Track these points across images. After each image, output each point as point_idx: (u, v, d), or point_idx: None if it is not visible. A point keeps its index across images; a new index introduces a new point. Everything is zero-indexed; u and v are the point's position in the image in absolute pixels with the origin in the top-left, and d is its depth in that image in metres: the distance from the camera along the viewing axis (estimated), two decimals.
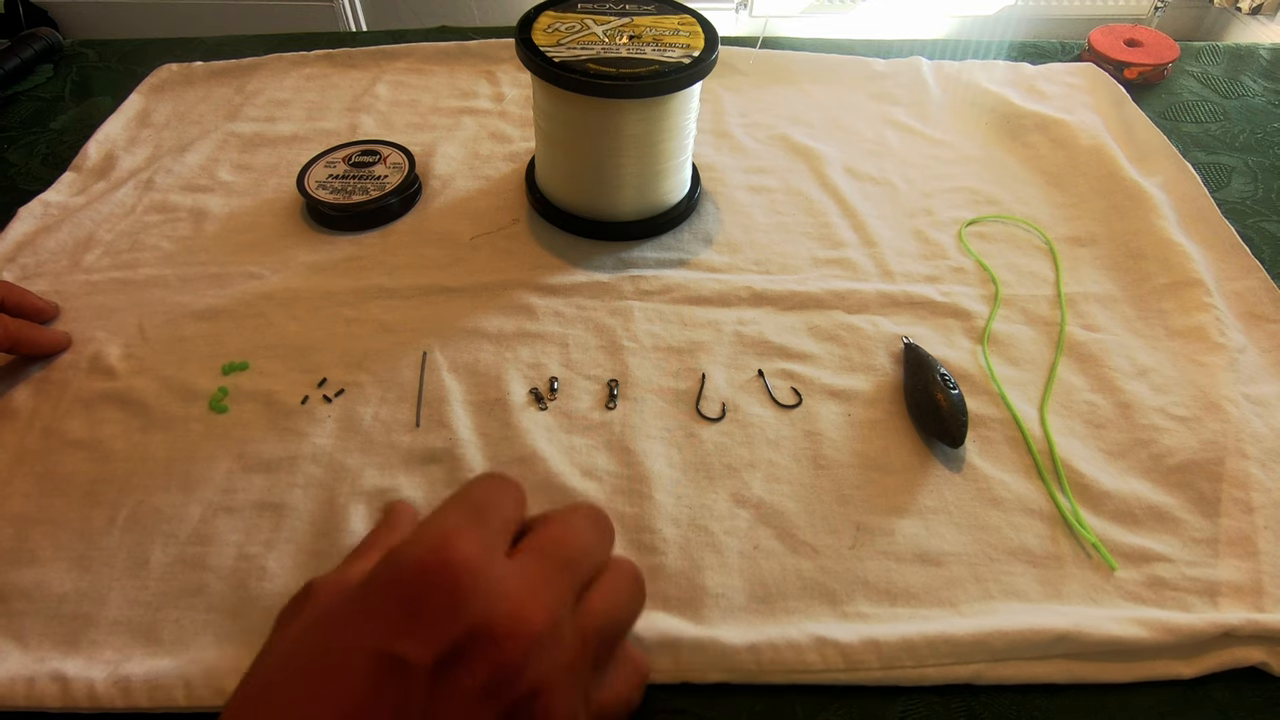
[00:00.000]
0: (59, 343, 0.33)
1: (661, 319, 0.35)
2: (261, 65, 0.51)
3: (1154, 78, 0.52)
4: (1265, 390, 0.33)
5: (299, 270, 0.37)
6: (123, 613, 0.25)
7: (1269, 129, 0.48)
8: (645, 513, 0.28)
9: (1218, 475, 0.29)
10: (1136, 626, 0.25)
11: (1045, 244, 0.40)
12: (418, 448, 0.30)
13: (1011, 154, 0.46)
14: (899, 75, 0.51)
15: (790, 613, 0.26)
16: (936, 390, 0.31)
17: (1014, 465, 0.30)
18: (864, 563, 0.27)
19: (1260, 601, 0.26)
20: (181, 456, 0.29)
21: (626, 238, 0.39)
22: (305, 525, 0.28)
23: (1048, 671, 0.25)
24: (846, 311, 0.36)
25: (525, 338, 0.34)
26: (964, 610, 0.26)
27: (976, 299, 0.37)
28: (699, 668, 0.24)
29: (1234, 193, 0.44)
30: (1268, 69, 0.54)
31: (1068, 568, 0.27)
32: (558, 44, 0.34)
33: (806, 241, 0.40)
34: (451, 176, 0.43)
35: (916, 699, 0.24)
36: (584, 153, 0.36)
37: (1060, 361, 0.34)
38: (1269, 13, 1.45)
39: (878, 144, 0.46)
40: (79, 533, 0.27)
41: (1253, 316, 0.36)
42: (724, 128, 0.47)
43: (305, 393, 0.32)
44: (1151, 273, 0.38)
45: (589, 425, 0.31)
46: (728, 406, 0.32)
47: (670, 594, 0.26)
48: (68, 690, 0.23)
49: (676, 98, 0.34)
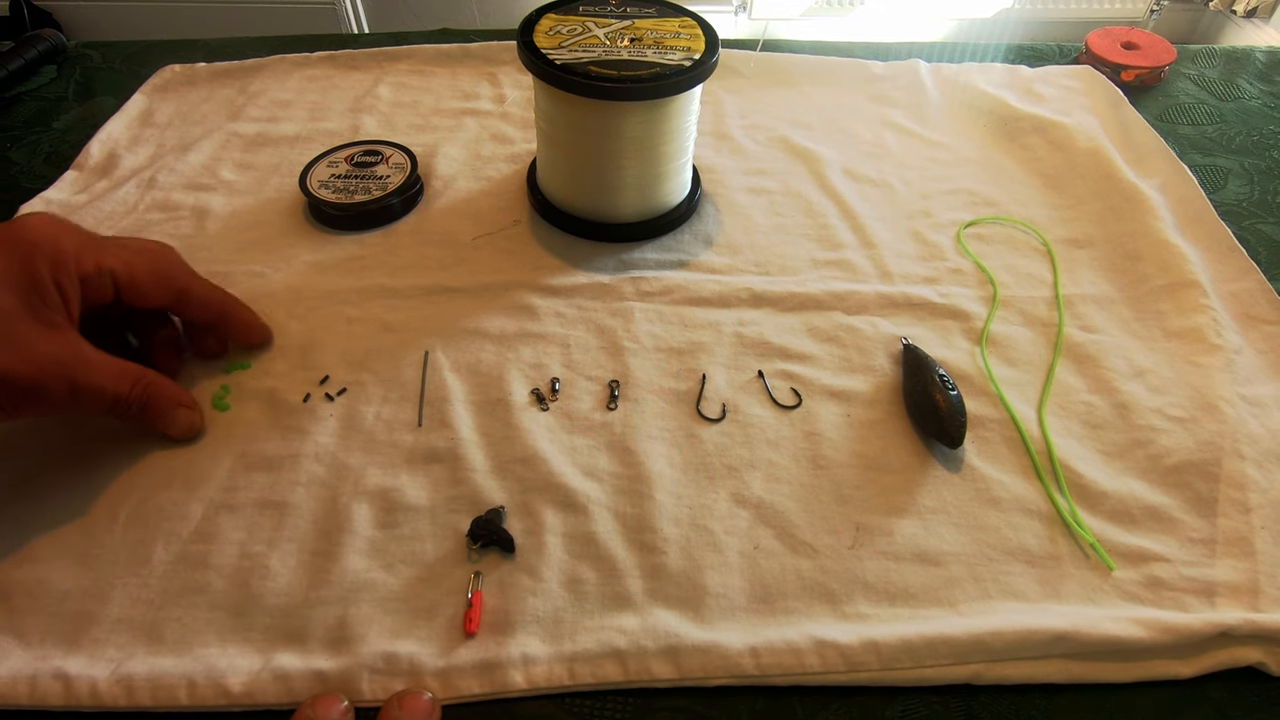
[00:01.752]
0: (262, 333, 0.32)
1: (662, 320, 0.36)
2: (264, 66, 0.51)
3: (1151, 80, 0.52)
4: (1262, 391, 0.33)
5: (301, 269, 0.37)
6: (125, 611, 0.25)
7: (1265, 131, 0.49)
8: (646, 513, 0.28)
9: (1214, 476, 0.30)
10: (1134, 626, 0.25)
11: (1043, 245, 0.40)
12: (420, 447, 0.30)
13: (1009, 156, 0.46)
14: (897, 78, 0.52)
15: (790, 612, 0.26)
16: (935, 391, 0.31)
17: (1012, 466, 0.30)
18: (863, 563, 0.27)
19: (1257, 601, 0.26)
20: (183, 454, 0.30)
21: (627, 239, 0.39)
22: (307, 524, 0.28)
23: (1046, 671, 0.25)
24: (846, 313, 0.36)
25: (527, 338, 0.34)
26: (963, 610, 0.26)
27: (975, 300, 0.37)
28: (700, 671, 0.24)
29: (1230, 195, 0.44)
30: (1263, 72, 0.54)
31: (1066, 568, 0.27)
32: (559, 46, 0.34)
33: (806, 243, 0.40)
34: (453, 177, 0.43)
35: (916, 699, 0.24)
36: (585, 154, 0.37)
37: (1058, 362, 0.34)
38: (1264, 16, 1.46)
39: (877, 146, 0.46)
40: (81, 530, 0.27)
41: (1249, 318, 0.36)
42: (724, 130, 0.47)
43: (307, 391, 0.32)
44: (1148, 274, 0.38)
45: (590, 425, 0.31)
46: (728, 407, 0.32)
47: (671, 593, 0.26)
48: (70, 689, 0.23)
49: (677, 100, 0.35)
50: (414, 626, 0.25)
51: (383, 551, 0.27)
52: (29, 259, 0.25)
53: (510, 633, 0.25)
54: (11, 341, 0.24)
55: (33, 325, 0.25)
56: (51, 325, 0.25)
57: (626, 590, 0.26)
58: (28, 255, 0.25)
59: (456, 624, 0.25)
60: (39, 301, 0.25)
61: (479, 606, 0.25)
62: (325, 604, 0.26)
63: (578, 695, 0.24)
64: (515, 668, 0.24)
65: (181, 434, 0.29)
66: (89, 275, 0.26)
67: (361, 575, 0.26)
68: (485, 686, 0.24)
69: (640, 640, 0.25)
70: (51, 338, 0.25)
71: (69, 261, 0.26)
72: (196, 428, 0.30)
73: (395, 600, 0.26)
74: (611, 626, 0.25)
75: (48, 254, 0.25)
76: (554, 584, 0.26)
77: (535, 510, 0.28)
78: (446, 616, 0.25)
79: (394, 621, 0.25)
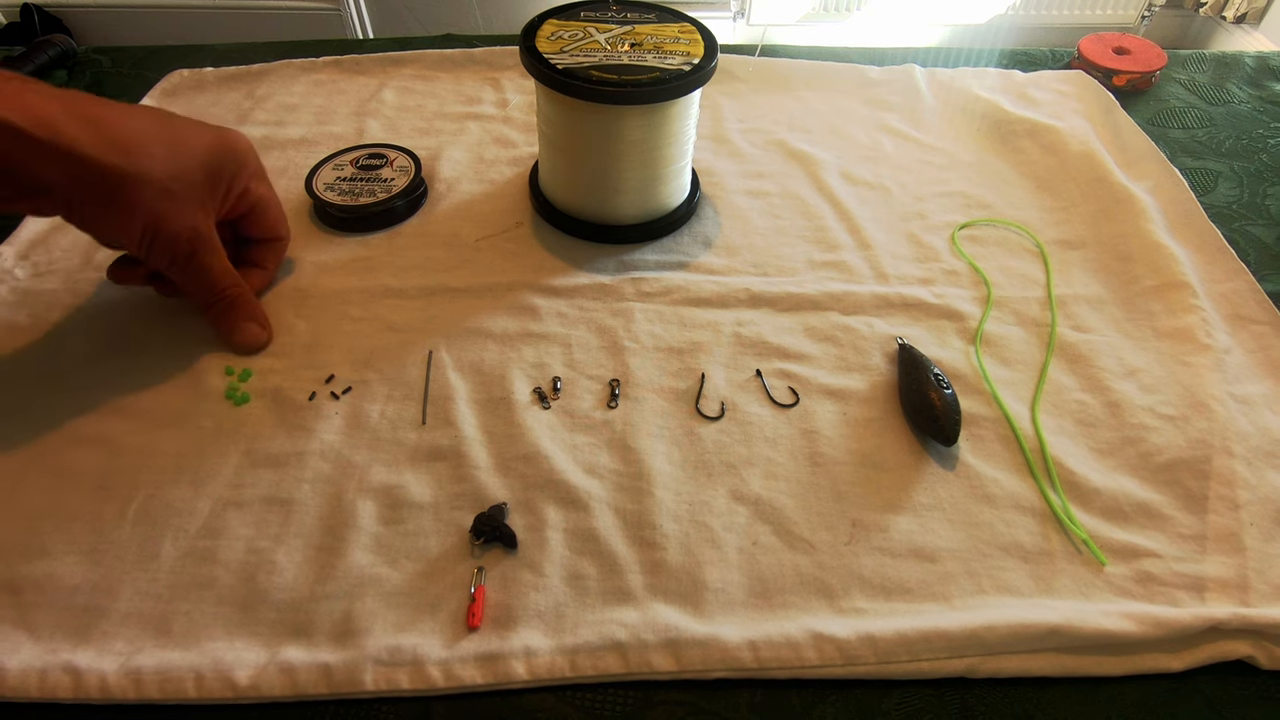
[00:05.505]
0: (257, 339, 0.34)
1: (662, 320, 0.36)
2: (271, 71, 0.51)
3: (1142, 85, 0.53)
4: (1251, 390, 0.34)
5: (307, 270, 0.38)
6: (134, 605, 0.26)
7: (1254, 135, 0.50)
8: (646, 509, 0.29)
9: (1205, 473, 0.30)
10: (1126, 621, 0.25)
11: (1036, 247, 0.41)
12: (424, 445, 0.31)
13: (1003, 159, 0.47)
14: (893, 83, 0.52)
15: (788, 607, 0.26)
16: (930, 390, 0.31)
17: (1006, 463, 0.31)
18: (860, 558, 0.28)
19: (1246, 596, 0.27)
20: (191, 451, 0.30)
21: (628, 241, 0.40)
22: (313, 520, 0.28)
23: (1039, 665, 0.25)
24: (842, 313, 0.37)
25: (529, 338, 0.35)
26: (957, 605, 0.26)
27: (969, 301, 0.38)
28: (700, 665, 0.25)
29: (1220, 197, 0.45)
30: (1253, 76, 0.55)
31: (1059, 563, 0.28)
32: (561, 51, 0.35)
33: (803, 244, 0.40)
34: (457, 180, 0.44)
35: (912, 691, 0.25)
36: (586, 157, 0.37)
37: (1051, 362, 0.35)
38: (1253, 22, 1.47)
39: (873, 149, 0.47)
40: (90, 526, 0.28)
41: (1238, 318, 0.37)
42: (723, 133, 0.48)
43: (313, 390, 0.32)
44: (1140, 275, 0.39)
45: (591, 424, 0.32)
46: (727, 405, 0.33)
47: (671, 588, 0.27)
48: (80, 682, 0.24)
49: (677, 104, 0.35)
50: (418, 621, 0.26)
51: (387, 547, 0.27)
52: (224, 157, 0.32)
53: (512, 626, 0.25)
54: (183, 203, 0.30)
55: (200, 201, 0.31)
56: (206, 209, 0.31)
57: (627, 585, 0.27)
58: (226, 154, 0.32)
59: (459, 618, 0.26)
60: (210, 189, 0.31)
61: (482, 601, 0.26)
62: (330, 598, 0.26)
63: (579, 687, 0.25)
64: (517, 659, 0.25)
65: (245, 344, 0.33)
66: (246, 193, 0.33)
67: (366, 570, 0.27)
68: (487, 677, 0.24)
69: (640, 633, 0.25)
70: (203, 217, 0.31)
71: (244, 176, 0.33)
72: (260, 343, 0.34)
73: (399, 595, 0.26)
74: (612, 620, 0.26)
75: (237, 161, 0.32)
76: (555, 579, 0.27)
77: (537, 507, 0.29)
78: (450, 611, 0.26)
79: (398, 616, 0.26)
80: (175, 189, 0.29)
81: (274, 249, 0.36)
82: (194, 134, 0.31)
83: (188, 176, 0.30)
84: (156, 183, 0.29)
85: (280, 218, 0.36)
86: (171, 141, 0.30)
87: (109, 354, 0.33)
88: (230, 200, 0.33)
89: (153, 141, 0.29)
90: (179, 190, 0.30)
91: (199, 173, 0.30)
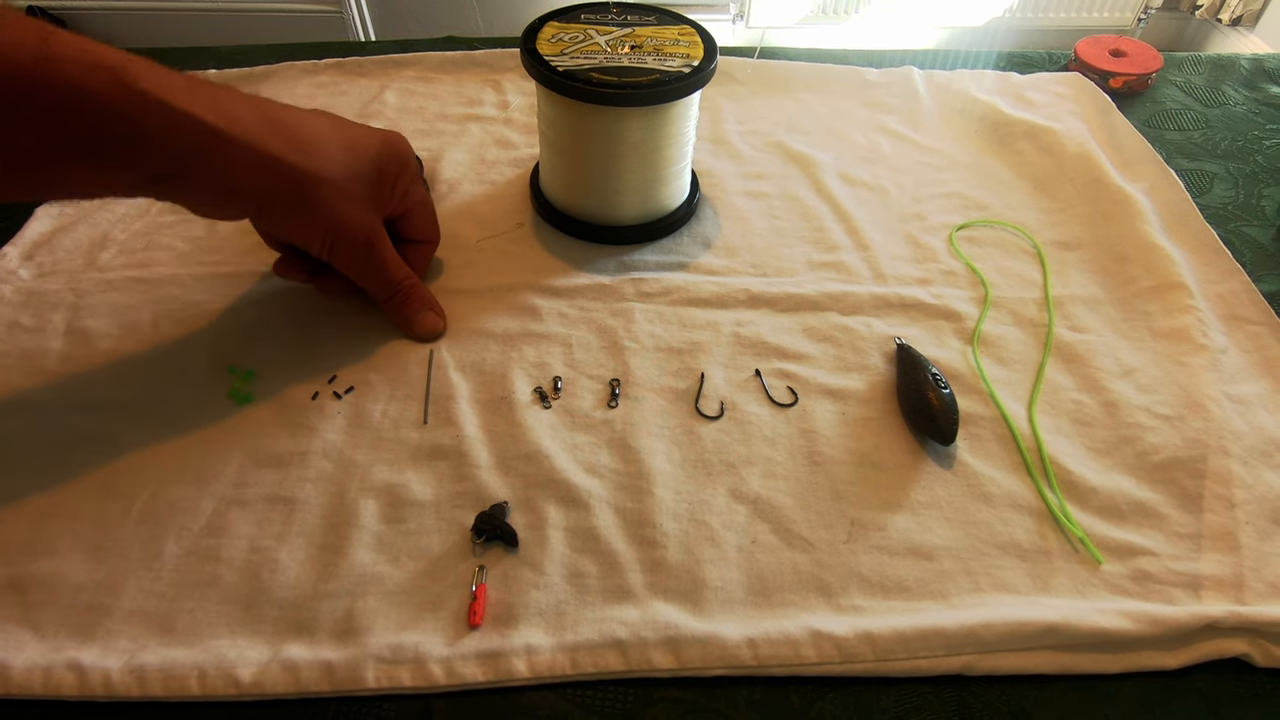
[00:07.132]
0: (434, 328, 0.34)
1: (662, 320, 0.36)
2: (273, 73, 0.52)
3: (1138, 87, 0.53)
4: (1246, 390, 0.34)
5: None
6: (138, 603, 0.26)
7: (1249, 136, 0.50)
8: (646, 508, 0.29)
9: (1201, 472, 0.30)
10: (1122, 619, 0.26)
11: (1033, 248, 0.41)
12: (426, 444, 0.31)
13: (1000, 161, 0.47)
14: (891, 85, 0.53)
15: (787, 605, 0.26)
16: (928, 389, 0.31)
17: (1003, 462, 0.31)
18: (858, 557, 0.28)
19: (1242, 594, 0.27)
20: (194, 451, 0.30)
21: (628, 241, 0.40)
22: (316, 519, 0.28)
23: (1036, 662, 0.25)
24: (841, 313, 0.37)
25: (530, 338, 0.35)
26: (955, 603, 0.27)
27: (967, 301, 0.38)
28: (699, 663, 0.25)
29: (1215, 198, 0.45)
30: (1248, 78, 0.55)
31: (1055, 562, 0.28)
32: (562, 54, 0.35)
33: (802, 245, 0.41)
34: (458, 181, 0.44)
35: (909, 689, 0.25)
36: (587, 159, 0.37)
37: (1048, 362, 0.35)
38: (1249, 24, 1.48)
39: (871, 151, 0.47)
40: (94, 524, 0.28)
41: (1234, 318, 0.37)
42: (722, 135, 0.48)
43: (316, 389, 0.33)
44: (1136, 276, 0.39)
45: (591, 423, 0.32)
46: (726, 405, 0.33)
47: (671, 586, 0.27)
48: (84, 679, 0.24)
49: (676, 106, 0.35)
50: (419, 619, 0.26)
51: (389, 546, 0.28)
52: (390, 158, 0.32)
53: (513, 624, 0.26)
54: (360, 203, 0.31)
55: (373, 201, 0.31)
56: (377, 209, 0.32)
57: (627, 583, 0.27)
58: (392, 155, 0.32)
59: (461, 616, 0.26)
60: (379, 189, 0.32)
61: (483, 599, 0.26)
62: (333, 597, 0.26)
63: (579, 685, 0.25)
64: (518, 657, 0.25)
65: (425, 333, 0.34)
66: (407, 194, 0.34)
67: (368, 569, 0.27)
68: (489, 674, 0.24)
69: (641, 631, 0.25)
70: (374, 216, 0.32)
71: (405, 176, 0.33)
72: (438, 331, 0.34)
73: (401, 593, 0.26)
74: (612, 618, 0.26)
75: (401, 162, 0.33)
76: (556, 577, 0.27)
77: (538, 505, 0.29)
78: (451, 609, 0.26)
79: (400, 614, 0.26)
80: (352, 190, 0.30)
81: (424, 251, 0.36)
82: (364, 136, 0.31)
83: (362, 178, 0.30)
84: (337, 184, 0.29)
85: (433, 221, 0.36)
86: (345, 143, 0.30)
87: (113, 354, 0.34)
88: (394, 200, 0.33)
89: (330, 144, 0.29)
90: (356, 191, 0.30)
91: (371, 174, 0.31)
